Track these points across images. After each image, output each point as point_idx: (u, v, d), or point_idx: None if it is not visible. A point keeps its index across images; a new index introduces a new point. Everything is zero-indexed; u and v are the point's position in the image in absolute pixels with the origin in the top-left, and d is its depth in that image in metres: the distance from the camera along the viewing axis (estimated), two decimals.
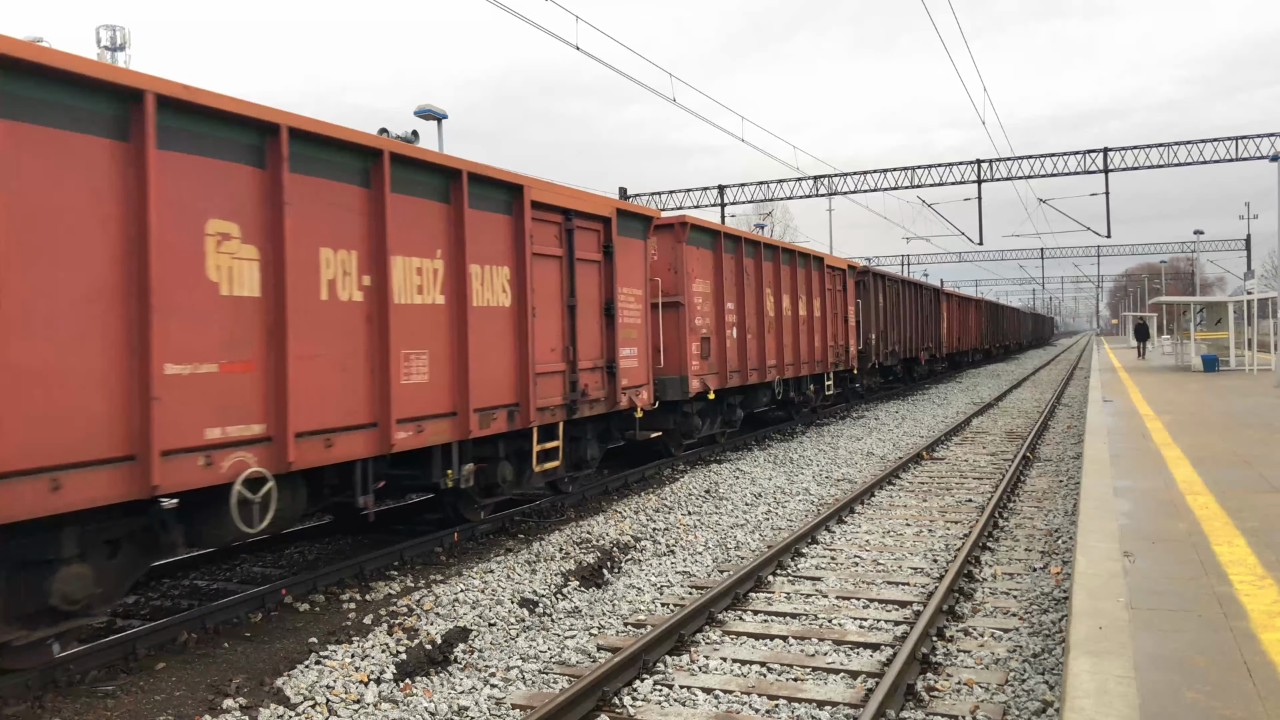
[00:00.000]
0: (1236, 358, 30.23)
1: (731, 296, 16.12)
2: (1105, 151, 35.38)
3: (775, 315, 18.14)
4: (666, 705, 6.13)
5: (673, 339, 14.37)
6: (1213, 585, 6.18)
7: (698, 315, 14.89)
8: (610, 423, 12.72)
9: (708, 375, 15.03)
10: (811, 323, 20.18)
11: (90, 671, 6.45)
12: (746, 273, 16.83)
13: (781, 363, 18.32)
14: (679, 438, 15.45)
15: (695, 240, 15.12)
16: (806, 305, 19.96)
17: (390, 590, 8.46)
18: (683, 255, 14.63)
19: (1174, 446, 12.57)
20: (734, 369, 16.15)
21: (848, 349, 22.93)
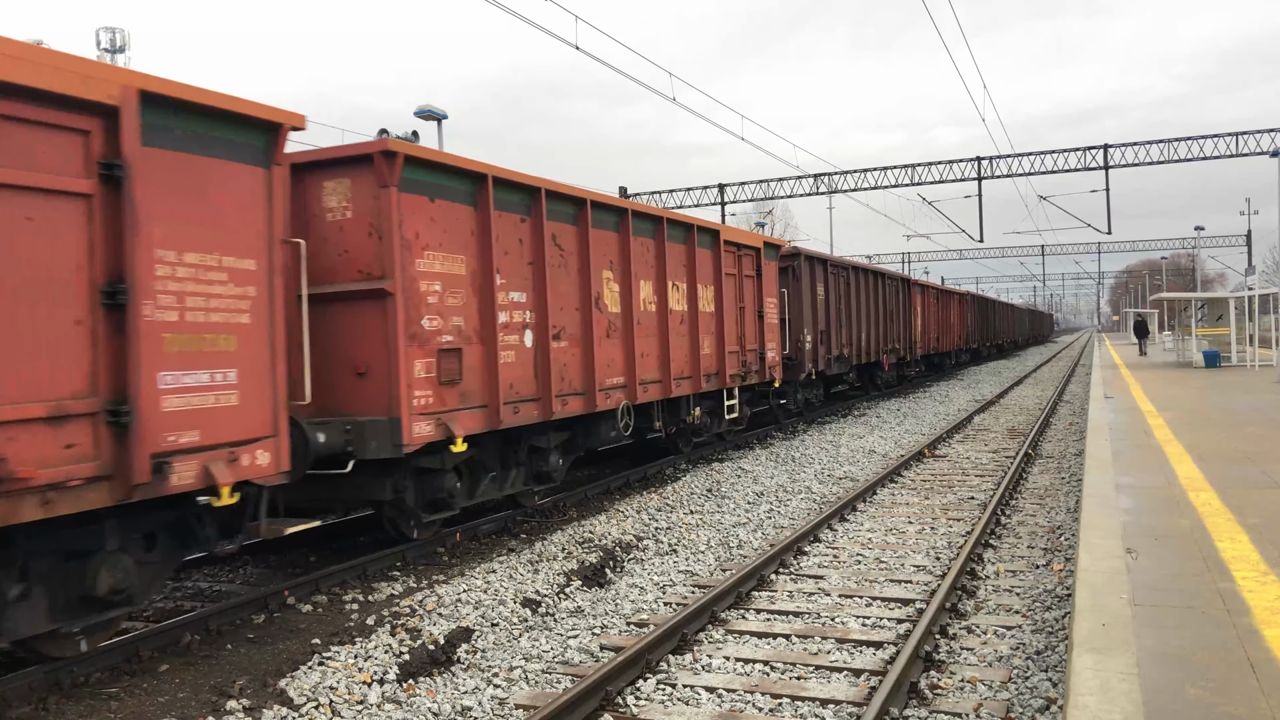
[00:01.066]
0: (1238, 354, 30.21)
1: (521, 282, 10.44)
2: (1105, 148, 35.35)
3: (624, 310, 12.66)
4: (670, 704, 6.13)
5: (375, 353, 8.65)
6: (1215, 581, 6.18)
7: (429, 313, 9.04)
8: None
9: (453, 412, 9.23)
10: (695, 321, 14.60)
11: (94, 673, 6.45)
12: (559, 247, 11.20)
13: (633, 380, 12.70)
14: (408, 521, 9.59)
15: (429, 187, 9.16)
16: (686, 296, 14.50)
17: (393, 591, 8.46)
18: (394, 210, 8.62)
19: (1176, 443, 12.57)
20: (524, 396, 10.35)
21: (763, 355, 17.36)
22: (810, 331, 20.89)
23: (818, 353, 21.32)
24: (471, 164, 9.78)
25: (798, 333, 20.19)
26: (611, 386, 12.23)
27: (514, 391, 10.21)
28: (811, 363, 20.81)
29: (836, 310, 22.90)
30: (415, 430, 8.72)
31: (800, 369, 20.04)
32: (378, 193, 8.67)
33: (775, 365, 18.05)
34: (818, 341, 21.39)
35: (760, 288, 17.40)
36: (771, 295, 18.06)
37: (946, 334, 39.21)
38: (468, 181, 9.75)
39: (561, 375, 11.09)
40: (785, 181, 40.98)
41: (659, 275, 13.74)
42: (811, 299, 21.06)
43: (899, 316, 29.62)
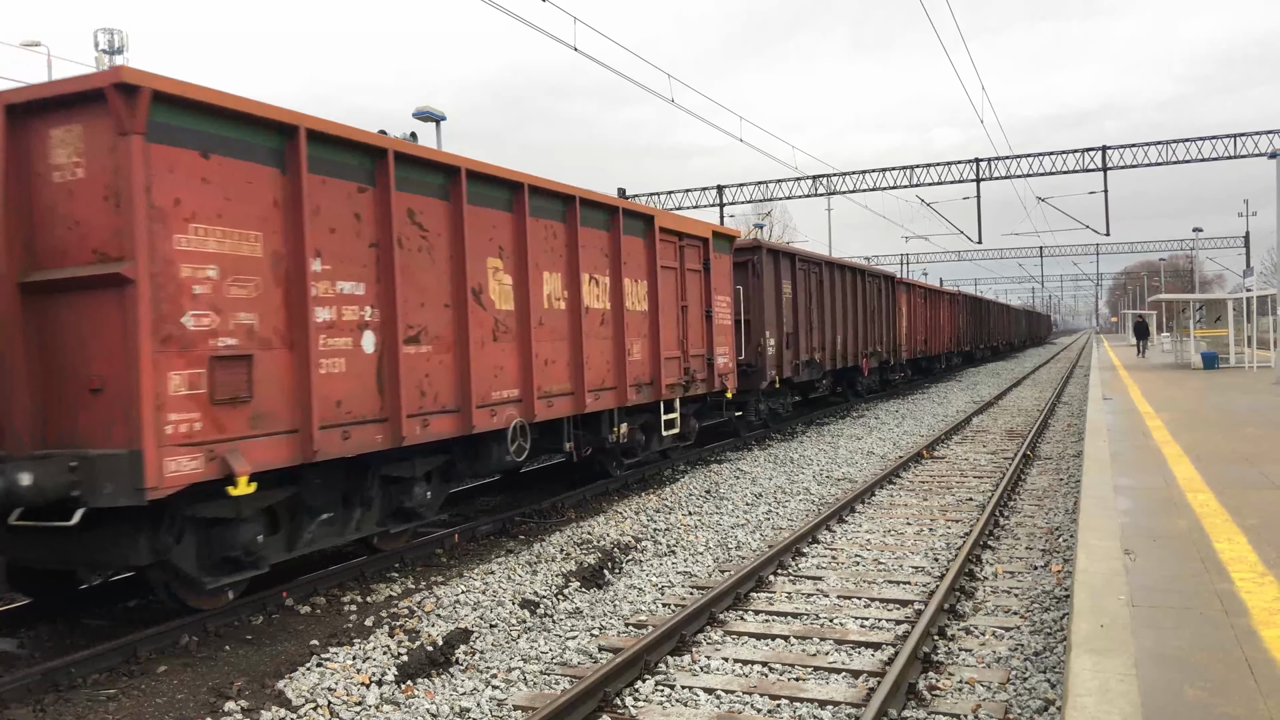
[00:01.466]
0: (1236, 355, 30.25)
1: (357, 269, 8.07)
2: (1104, 149, 35.40)
3: (519, 308, 10.18)
4: (668, 705, 6.13)
5: (112, 362, 6.42)
6: (1213, 582, 6.18)
7: (196, 307, 6.68)
8: None
9: (236, 441, 6.91)
10: (621, 322, 12.19)
11: (91, 675, 6.45)
12: (419, 226, 8.80)
13: (531, 393, 10.23)
14: (188, 587, 7.35)
15: (201, 138, 6.78)
16: (609, 292, 12.12)
17: (391, 592, 8.46)
18: (138, 167, 6.33)
19: (1174, 444, 12.57)
20: (360, 416, 8.00)
21: (711, 362, 14.81)
22: (774, 334, 18.61)
23: (783, 358, 18.96)
24: (274, 111, 7.24)
25: (758, 336, 17.98)
26: (500, 401, 9.73)
27: (343, 411, 7.77)
28: (775, 369, 18.56)
29: (807, 310, 20.72)
30: (169, 467, 6.37)
31: (761, 376, 17.88)
32: (115, 143, 6.31)
33: (728, 373, 15.53)
34: (783, 345, 19.07)
35: (708, 284, 14.89)
36: (724, 293, 15.54)
37: (936, 336, 36.61)
38: (269, 135, 7.26)
39: (421, 388, 8.65)
40: (784, 183, 41.03)
41: (570, 266, 11.18)
42: (776, 298, 18.85)
43: (882, 317, 27.48)
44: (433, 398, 8.85)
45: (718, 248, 15.36)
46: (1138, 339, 43.77)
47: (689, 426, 14.81)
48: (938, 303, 37.65)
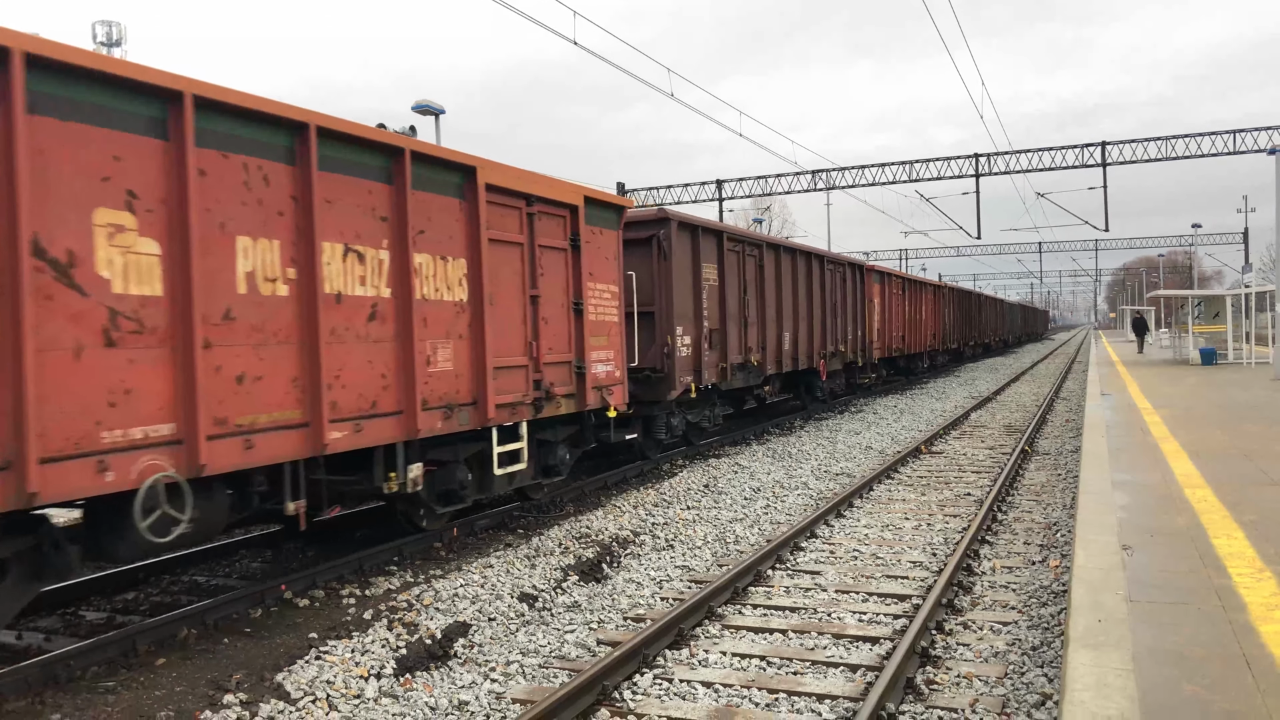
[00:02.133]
0: (1234, 351, 30.27)
1: None
2: (1103, 145, 35.38)
3: (174, 292, 6.47)
4: (666, 699, 6.13)
5: None
6: (1211, 578, 6.19)
7: None
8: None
9: None
10: (410, 316, 8.41)
11: (90, 667, 6.45)
12: None
13: (195, 428, 6.47)
14: None
15: None
16: (391, 274, 8.30)
17: (390, 586, 8.46)
18: None
19: (1172, 440, 12.59)
20: None
21: (581, 370, 11.11)
22: (690, 331, 14.86)
23: (702, 360, 15.06)
24: None
25: (665, 334, 14.14)
26: (121, 446, 6.02)
27: None
28: (691, 374, 14.80)
29: (740, 302, 16.78)
30: None
31: (669, 384, 14.08)
32: None
33: (613, 384, 11.86)
34: (704, 344, 15.16)
35: (578, 266, 11.07)
36: (606, 279, 11.80)
37: (916, 332, 32.65)
38: None
39: None
40: (783, 178, 40.98)
41: (300, 231, 7.38)
42: (693, 285, 15.07)
43: (848, 311, 23.82)
44: None
45: (595, 219, 11.57)
46: (1136, 335, 43.80)
47: (556, 457, 11.16)
48: (919, 295, 33.74)
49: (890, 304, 29.05)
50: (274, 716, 5.76)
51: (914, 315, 32.59)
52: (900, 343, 30.26)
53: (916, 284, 33.76)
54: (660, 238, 14.30)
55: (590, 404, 11.34)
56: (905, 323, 31.04)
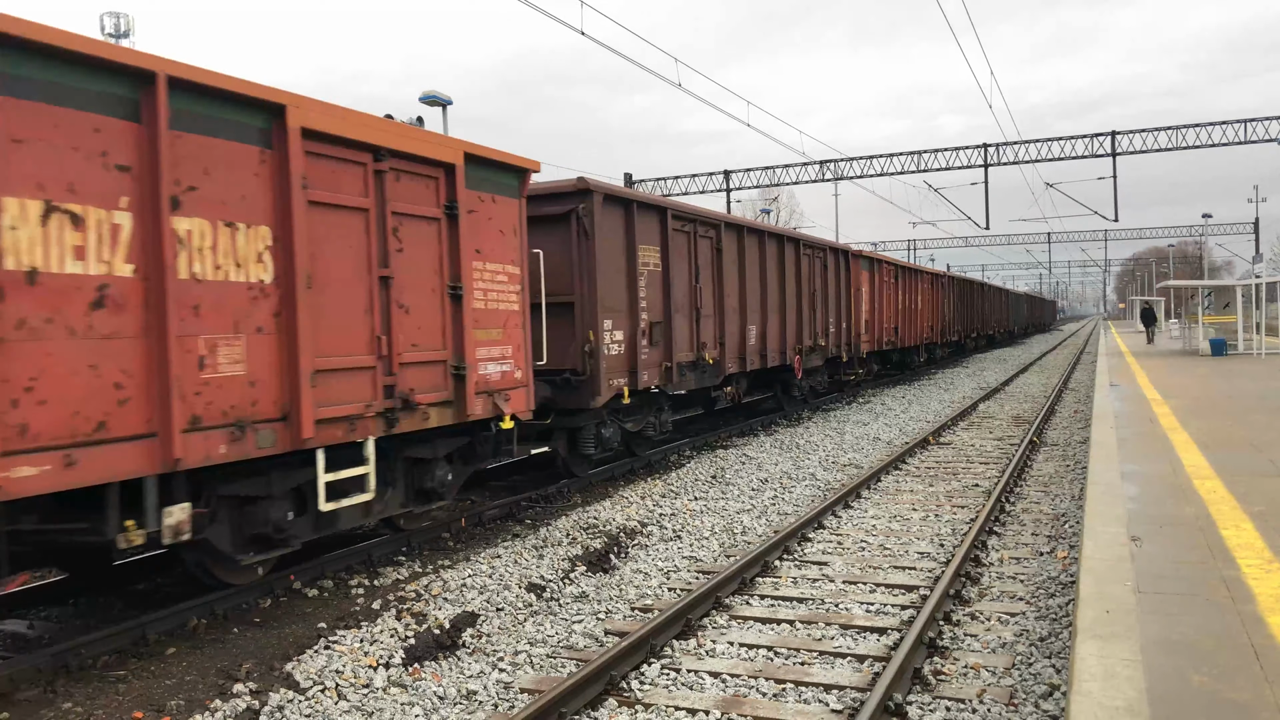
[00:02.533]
0: (1245, 342, 30.13)
1: None
2: (1113, 135, 35.20)
3: None
4: (674, 689, 6.15)
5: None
6: (1220, 569, 6.18)
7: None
8: None
9: None
10: (164, 302, 6.16)
11: (101, 657, 6.49)
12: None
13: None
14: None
15: None
16: (132, 244, 6.03)
17: (398, 576, 8.49)
18: None
19: (1182, 431, 12.55)
20: None
21: (460, 372, 8.96)
22: (624, 325, 12.51)
23: (639, 360, 12.69)
24: None
25: (587, 328, 11.83)
26: None
27: None
28: (627, 376, 12.50)
29: (690, 291, 14.37)
30: None
31: (593, 390, 11.72)
32: None
33: (511, 387, 9.64)
34: (642, 341, 12.80)
35: (455, 240, 8.86)
36: (501, 258, 9.59)
37: (911, 324, 30.49)
38: None
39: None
40: (791, 168, 40.89)
41: None
42: (628, 271, 12.65)
43: (829, 301, 21.50)
44: None
45: (484, 182, 9.35)
46: (1145, 325, 43.61)
47: (434, 479, 9.07)
48: (914, 284, 31.31)
49: (881, 293, 26.70)
50: (283, 705, 5.80)
51: (909, 305, 30.32)
52: (893, 335, 27.92)
53: (912, 272, 31.41)
54: (580, 213, 11.71)
55: (476, 413, 9.04)
56: (899, 314, 28.76)
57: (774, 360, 17.77)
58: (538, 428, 11.46)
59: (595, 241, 11.80)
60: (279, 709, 5.76)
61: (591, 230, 11.77)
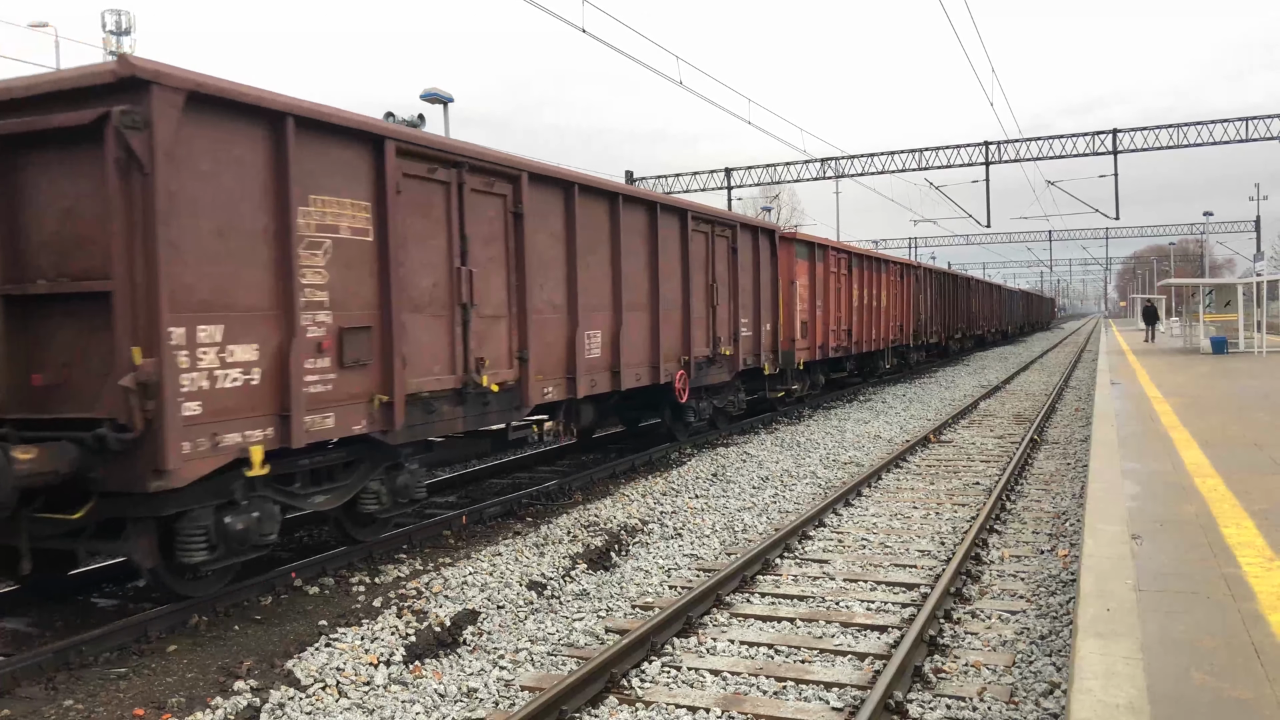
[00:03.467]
0: (1246, 340, 30.13)
1: None
2: (1114, 133, 35.16)
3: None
4: (675, 687, 6.15)
5: None
6: (1221, 567, 6.18)
7: None
8: None
9: None
10: None
11: (102, 654, 6.50)
12: None
13: None
14: None
15: None
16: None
17: (399, 573, 8.50)
18: None
19: (1182, 429, 12.54)
20: None
21: None
22: (255, 334, 7.04)
23: (294, 393, 7.20)
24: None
25: (153, 341, 6.29)
26: None
27: None
28: (256, 429, 7.01)
29: (450, 276, 9.14)
30: None
31: (148, 461, 6.31)
32: None
33: None
34: (319, 359, 7.52)
35: None
36: None
37: (872, 324, 25.36)
38: None
39: None
40: (792, 166, 40.83)
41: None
42: (276, 242, 7.21)
43: (744, 296, 16.41)
44: None
45: None
46: (1146, 324, 43.57)
47: None
48: (876, 276, 25.89)
49: (828, 287, 21.59)
50: (284, 703, 5.80)
51: (869, 303, 25.15)
52: (844, 339, 22.86)
53: (873, 262, 25.98)
54: (120, 126, 6.13)
55: None
56: (854, 312, 23.74)
57: (640, 378, 12.81)
58: None
59: (155, 180, 6.25)
60: (280, 706, 5.77)
61: (146, 162, 6.22)
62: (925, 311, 32.74)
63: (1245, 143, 33.85)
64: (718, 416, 16.65)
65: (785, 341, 18.76)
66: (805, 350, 20.06)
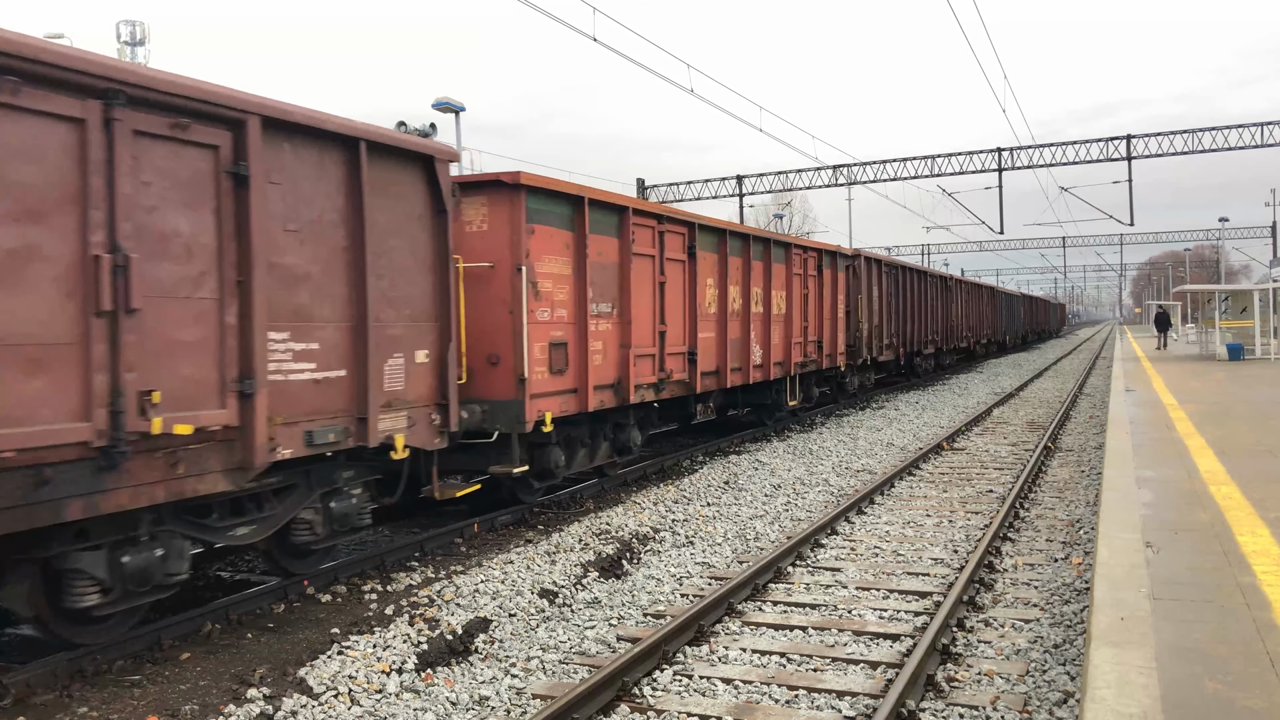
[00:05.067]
0: (1262, 346, 29.93)
1: None
2: (1128, 139, 35.02)
3: None
4: (686, 695, 6.15)
5: None
6: (1235, 575, 6.13)
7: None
8: None
9: None
10: None
11: (117, 661, 6.53)
12: None
13: None
14: None
15: None
16: None
17: (411, 581, 8.51)
18: None
19: (1198, 436, 12.47)
20: None
21: None
22: None
23: None
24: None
25: None
26: None
27: None
28: None
29: None
30: None
31: None
32: None
33: None
34: None
35: None
36: None
37: (751, 343, 16.13)
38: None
39: None
40: (804, 173, 40.82)
41: None
42: None
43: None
44: None
45: None
46: (1158, 331, 43.22)
47: None
48: (762, 272, 16.68)
49: (695, 283, 14.04)
50: (296, 711, 5.82)
51: (752, 310, 16.13)
52: (685, 371, 13.84)
53: (761, 247, 16.56)
54: None
55: None
56: (728, 325, 15.26)
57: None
58: None
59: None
60: (292, 714, 5.78)
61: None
62: (873, 319, 23.91)
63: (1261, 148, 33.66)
64: None
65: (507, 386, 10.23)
66: (549, 399, 10.73)
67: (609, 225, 12.01)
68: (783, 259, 17.77)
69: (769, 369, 17.04)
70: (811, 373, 19.63)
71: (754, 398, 17.92)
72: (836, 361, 20.95)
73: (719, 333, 15.07)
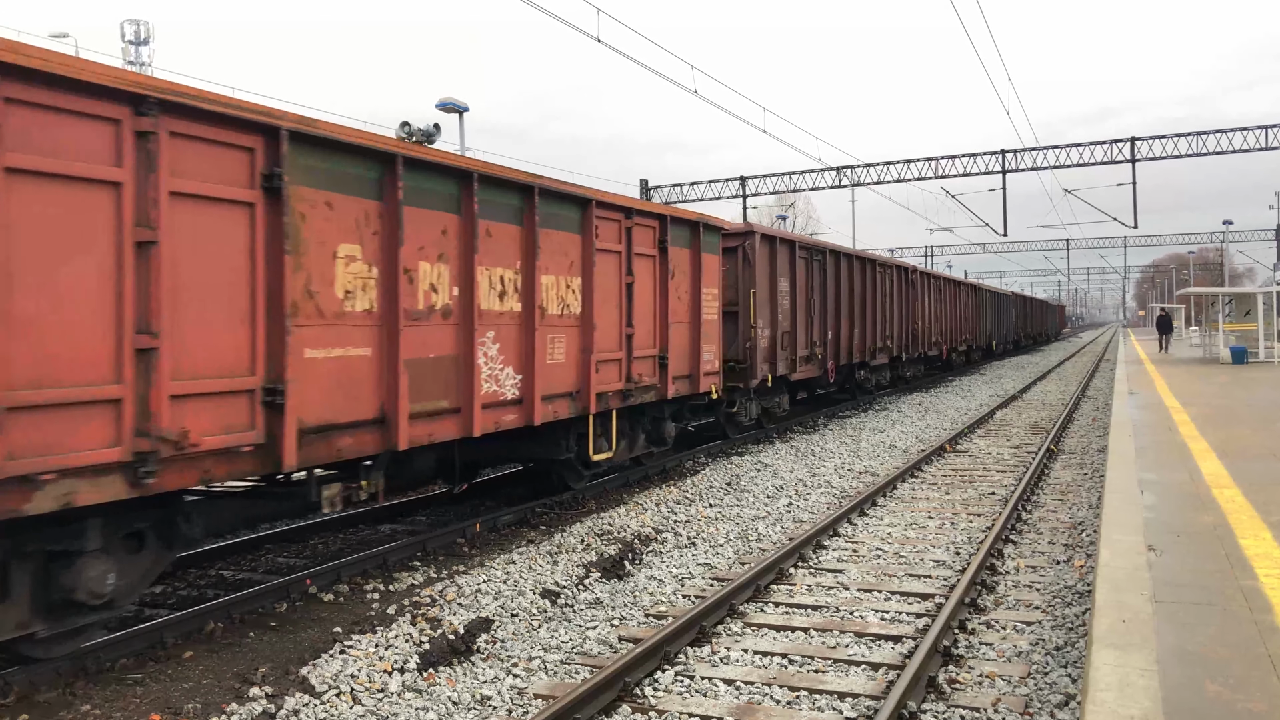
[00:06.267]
0: (1266, 349, 29.89)
1: None
2: (1132, 141, 34.97)
3: None
4: (688, 696, 6.15)
5: None
6: (1238, 579, 6.13)
7: None
8: None
9: None
10: None
11: (119, 660, 6.55)
12: None
13: None
14: None
15: None
16: None
17: (413, 581, 8.53)
18: None
19: (1201, 439, 12.45)
20: None
21: None
22: None
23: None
24: None
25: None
26: None
27: None
28: None
29: None
30: None
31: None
32: None
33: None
34: None
35: None
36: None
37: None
38: None
39: None
40: (808, 174, 40.78)
41: None
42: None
43: None
44: None
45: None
46: (1160, 333, 43.05)
47: None
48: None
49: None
50: (299, 709, 5.83)
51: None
52: None
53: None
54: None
55: None
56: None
57: None
58: None
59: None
60: (294, 713, 5.80)
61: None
62: (780, 323, 17.48)
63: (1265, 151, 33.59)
64: None
65: None
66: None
67: None
68: (574, 226, 10.64)
69: (532, 406, 9.77)
70: (650, 404, 12.64)
71: (515, 449, 11.33)
72: (701, 385, 13.67)
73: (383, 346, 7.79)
